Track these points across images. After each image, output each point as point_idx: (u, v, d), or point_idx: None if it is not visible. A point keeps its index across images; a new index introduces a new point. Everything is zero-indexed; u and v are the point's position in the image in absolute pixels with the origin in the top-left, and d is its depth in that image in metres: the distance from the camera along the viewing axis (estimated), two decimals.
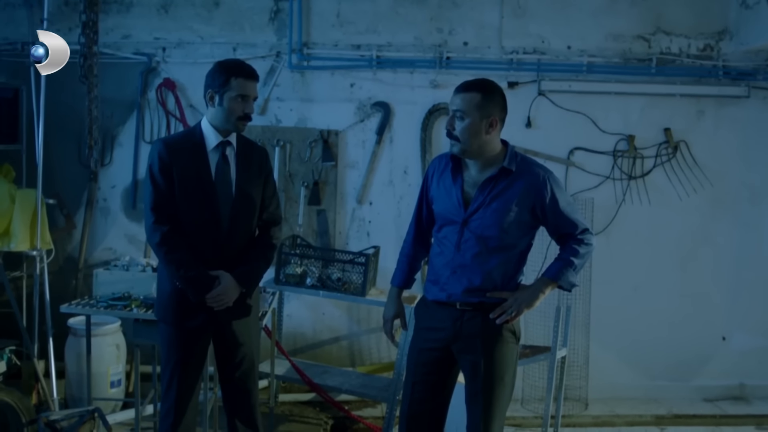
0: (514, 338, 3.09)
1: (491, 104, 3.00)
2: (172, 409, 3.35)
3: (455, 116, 2.98)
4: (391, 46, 5.19)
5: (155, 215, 3.26)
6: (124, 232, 5.24)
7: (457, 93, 3.01)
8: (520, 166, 3.04)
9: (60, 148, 5.07)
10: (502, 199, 3.00)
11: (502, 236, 3.00)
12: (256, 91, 3.34)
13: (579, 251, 3.05)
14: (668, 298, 5.39)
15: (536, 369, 5.10)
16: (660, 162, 5.34)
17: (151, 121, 5.18)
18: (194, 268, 3.22)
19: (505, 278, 3.05)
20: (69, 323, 4.76)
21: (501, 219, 2.99)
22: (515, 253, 3.06)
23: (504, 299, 3.01)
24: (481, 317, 3.03)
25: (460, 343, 3.07)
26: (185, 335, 3.31)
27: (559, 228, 3.08)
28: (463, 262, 3.04)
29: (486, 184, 3.02)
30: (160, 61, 5.16)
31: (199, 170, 3.29)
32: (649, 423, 4.99)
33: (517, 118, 5.23)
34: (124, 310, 3.91)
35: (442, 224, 3.13)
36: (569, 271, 3.05)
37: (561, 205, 3.03)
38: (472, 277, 3.02)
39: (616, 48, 5.28)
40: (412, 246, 3.33)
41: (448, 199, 3.10)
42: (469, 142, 2.98)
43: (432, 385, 3.14)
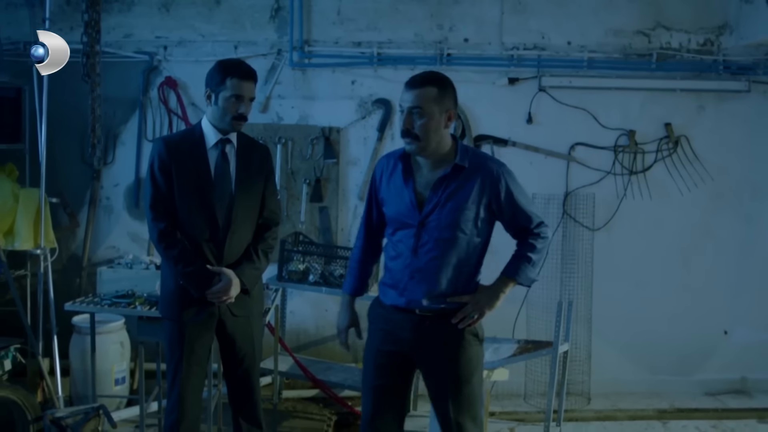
0: (477, 340, 3.02)
1: (447, 97, 2.91)
2: (176, 404, 3.39)
3: (412, 114, 2.86)
4: (392, 43, 5.20)
5: (153, 212, 3.32)
6: (128, 230, 5.26)
7: (411, 89, 2.89)
8: (473, 161, 2.96)
9: (63, 147, 5.08)
10: (457, 198, 2.92)
11: (460, 236, 2.93)
12: (253, 92, 3.35)
13: (536, 246, 3.01)
14: (670, 292, 5.41)
15: (538, 364, 5.13)
16: (661, 157, 5.35)
17: (153, 120, 5.20)
18: (193, 264, 3.26)
19: (465, 279, 2.99)
20: (73, 321, 4.79)
21: (458, 218, 2.91)
22: (474, 253, 2.99)
23: (464, 303, 2.96)
24: (443, 323, 2.96)
25: (423, 349, 2.99)
26: (188, 331, 3.35)
27: (515, 222, 3.02)
28: (422, 267, 2.95)
29: (439, 183, 2.93)
30: (162, 59, 5.18)
31: (198, 168, 3.32)
32: (651, 417, 5.02)
33: (518, 114, 5.27)
34: (128, 307, 3.94)
35: (396, 228, 3.03)
36: (528, 267, 3.01)
37: (517, 199, 2.97)
38: (432, 281, 2.94)
39: (617, 43, 5.28)
40: (362, 251, 3.24)
41: (401, 201, 2.99)
42: (429, 140, 2.88)
43: (392, 389, 3.08)
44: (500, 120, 5.27)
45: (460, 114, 5.17)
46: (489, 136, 5.25)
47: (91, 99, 4.83)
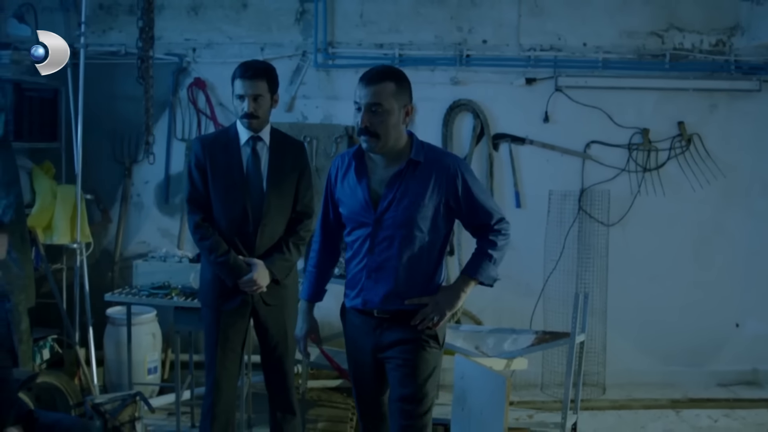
0: (436, 343, 2.95)
1: (404, 92, 2.82)
2: (212, 388, 3.58)
3: (371, 111, 2.75)
4: (413, 44, 5.38)
5: (190, 206, 3.54)
6: (158, 225, 5.45)
7: (368, 85, 2.77)
8: (428, 155, 2.87)
9: (95, 146, 5.23)
10: (412, 194, 2.83)
11: (417, 234, 2.84)
12: (257, 89, 3.46)
13: (497, 243, 2.91)
14: (683, 286, 5.55)
15: (555, 355, 5.28)
16: (674, 154, 5.50)
17: (183, 119, 5.39)
18: (225, 254, 3.45)
19: (424, 279, 2.91)
20: (108, 313, 4.99)
21: (414, 215, 2.82)
22: (433, 251, 2.90)
23: (424, 304, 2.88)
24: (401, 325, 2.89)
25: (381, 351, 2.94)
26: (223, 318, 3.54)
27: (474, 219, 2.93)
28: (379, 266, 2.87)
29: (394, 180, 2.84)
30: (191, 61, 5.37)
31: (231, 164, 3.51)
32: (665, 406, 5.16)
33: (535, 113, 5.43)
34: (165, 298, 4.14)
35: (352, 227, 2.95)
36: (488, 266, 2.91)
37: (475, 194, 2.88)
38: (389, 281, 2.86)
39: (631, 44, 5.44)
40: (319, 255, 3.15)
41: (355, 200, 2.91)
42: (389, 137, 2.79)
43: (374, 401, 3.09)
44: (518, 119, 5.44)
45: (478, 113, 5.35)
46: (507, 134, 5.42)
47: (145, 99, 4.98)
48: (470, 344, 4.49)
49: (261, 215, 3.51)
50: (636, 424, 4.83)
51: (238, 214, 3.49)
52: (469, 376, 4.23)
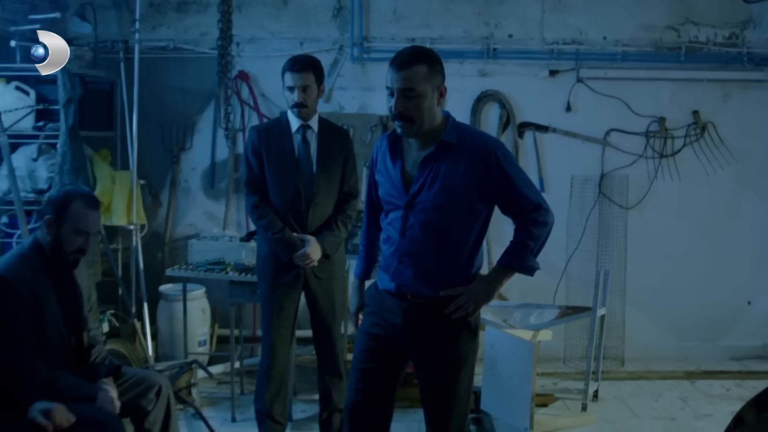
0: (470, 334, 2.86)
1: (437, 73, 2.74)
2: (268, 352, 3.94)
3: (404, 96, 2.66)
4: (443, 38, 5.69)
5: (248, 188, 3.90)
6: (203, 209, 5.81)
7: (399, 70, 2.67)
8: (463, 138, 2.76)
9: (146, 135, 5.53)
10: (444, 177, 2.73)
11: (450, 219, 2.76)
12: (305, 80, 3.78)
13: (533, 233, 2.77)
14: (697, 265, 5.82)
15: (576, 330, 5.60)
16: (689, 141, 5.77)
17: (227, 110, 5.76)
18: (280, 231, 3.79)
19: (458, 267, 2.82)
20: (161, 289, 5.36)
21: (445, 199, 2.73)
22: (467, 236, 2.81)
23: (459, 294, 2.79)
24: (435, 312, 2.80)
25: (412, 338, 2.86)
26: (278, 290, 3.89)
27: (509, 205, 2.81)
28: (409, 250, 2.80)
29: (426, 163, 2.76)
30: (235, 55, 5.68)
31: (284, 150, 3.86)
32: (680, 377, 5.43)
33: (558, 103, 5.72)
34: (220, 273, 4.50)
35: (387, 210, 2.90)
36: (526, 256, 2.79)
37: (512, 179, 2.76)
38: (420, 266, 2.79)
39: (648, 38, 5.71)
40: (367, 234, 3.15)
41: (389, 182, 2.85)
42: (424, 120, 2.71)
43: (378, 374, 2.92)
44: (541, 108, 5.73)
45: (504, 103, 5.68)
46: (531, 123, 5.74)
47: (225, 93, 5.34)
48: (499, 318, 4.82)
49: (312, 196, 3.86)
50: (653, 392, 5.14)
51: (292, 195, 3.84)
52: (499, 345, 4.59)
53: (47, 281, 3.02)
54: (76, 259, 3.07)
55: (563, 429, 4.48)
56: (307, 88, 3.79)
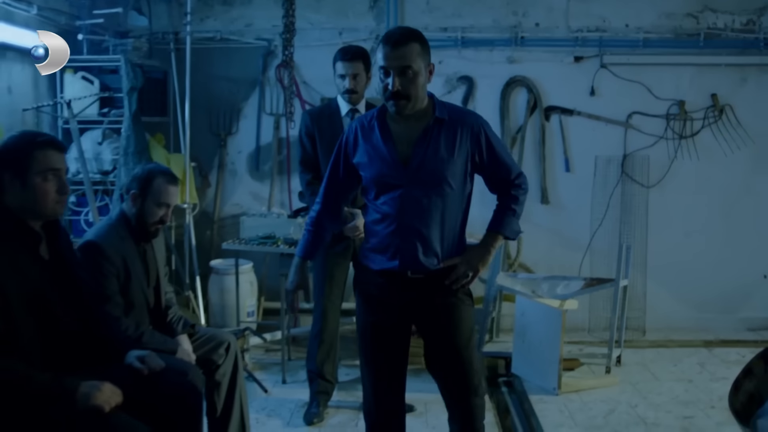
0: (470, 300, 2.99)
1: (427, 51, 2.83)
2: (319, 317, 4.33)
3: (402, 74, 2.73)
4: (474, 27, 6.00)
5: (302, 167, 4.28)
6: (249, 189, 6.20)
7: (395, 48, 2.73)
8: (452, 114, 2.88)
9: (196, 120, 5.83)
10: (442, 151, 2.84)
11: (448, 191, 2.86)
12: (355, 69, 4.15)
13: (519, 198, 2.98)
14: (715, 241, 6.10)
15: (600, 301, 5.93)
16: (707, 123, 6.02)
17: (271, 96, 6.10)
18: None
19: (455, 236, 2.95)
20: (212, 264, 5.77)
21: (444, 172, 2.84)
22: (461, 208, 2.95)
23: (455, 264, 2.91)
24: (435, 285, 2.91)
25: (416, 314, 2.96)
26: (330, 259, 4.27)
27: (496, 174, 2.96)
28: (410, 226, 2.86)
29: (423, 138, 2.83)
30: (278, 45, 6.01)
31: (334, 132, 4.20)
32: (698, 345, 5.73)
33: (583, 88, 6.01)
34: (272, 246, 4.89)
35: (379, 190, 2.90)
36: (512, 220, 2.97)
37: (497, 150, 2.93)
38: (422, 240, 2.86)
39: (669, 25, 5.97)
40: (319, 215, 3.11)
41: (382, 162, 2.86)
42: (418, 98, 2.79)
43: (392, 360, 3.02)
44: (567, 93, 6.03)
45: (532, 88, 6.01)
46: (557, 107, 6.05)
47: (289, 81, 5.67)
48: (527, 289, 5.15)
49: None
50: (673, 358, 5.47)
51: None
52: (528, 312, 4.96)
53: (132, 248, 3.41)
54: (156, 229, 3.46)
55: (588, 389, 4.82)
56: (357, 75, 4.16)
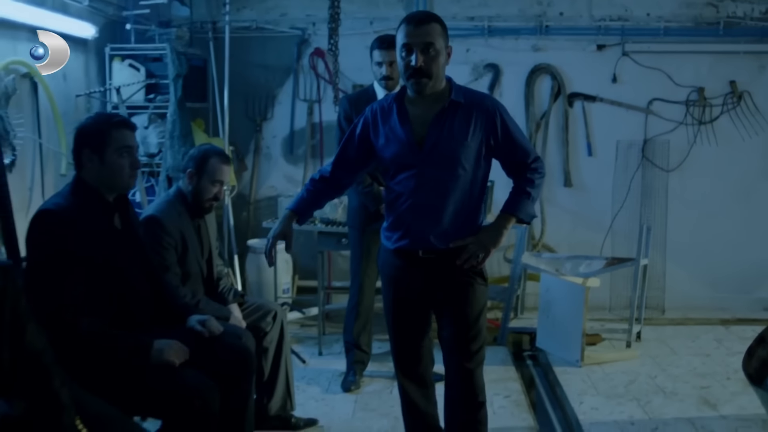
0: (483, 281, 3.03)
1: (446, 33, 2.89)
2: (357, 291, 4.60)
3: (425, 51, 2.79)
4: (500, 17, 6.20)
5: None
6: (283, 173, 6.46)
7: (419, 26, 2.80)
8: (468, 97, 2.93)
9: (233, 106, 6.02)
10: (456, 133, 2.88)
11: (461, 173, 2.90)
12: (391, 56, 4.30)
13: (534, 181, 2.99)
14: (733, 223, 6.28)
15: (621, 281, 6.15)
16: (726, 109, 6.20)
17: (305, 83, 6.35)
18: (369, 186, 4.41)
19: (468, 217, 2.97)
20: (249, 243, 6.04)
21: (458, 154, 2.88)
22: (475, 190, 2.97)
23: (467, 244, 2.94)
24: (448, 264, 2.95)
25: (429, 292, 3.03)
26: (367, 236, 4.53)
27: (512, 157, 3.00)
28: (424, 205, 2.92)
29: (438, 120, 2.88)
30: (311, 33, 6.28)
31: None
32: (715, 323, 5.97)
33: (605, 75, 6.21)
34: (310, 224, 5.16)
35: (396, 170, 2.97)
36: (527, 203, 2.98)
37: (513, 133, 2.96)
38: (435, 220, 2.92)
39: (689, 14, 6.15)
40: (322, 183, 3.16)
41: (399, 143, 2.93)
42: (439, 77, 2.86)
43: (416, 337, 3.16)
44: (590, 80, 6.24)
45: (556, 75, 6.23)
46: (580, 93, 6.27)
47: (334, 68, 5.84)
48: (551, 267, 5.40)
49: None
50: (691, 335, 5.70)
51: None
52: (552, 289, 5.20)
53: (188, 223, 3.69)
54: (211, 205, 3.74)
55: (610, 362, 5.06)
56: (393, 63, 4.39)
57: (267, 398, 3.87)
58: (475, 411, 3.08)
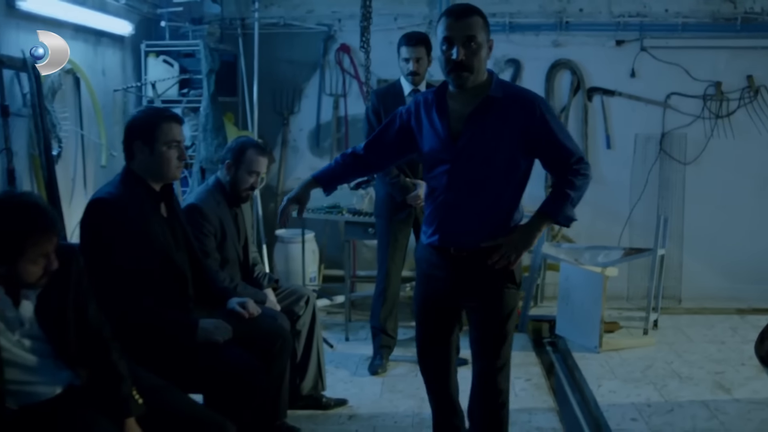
0: (513, 284, 2.96)
1: (488, 27, 2.79)
2: (384, 277, 4.78)
3: (466, 45, 2.70)
4: (521, 13, 6.35)
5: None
6: (310, 165, 6.59)
7: (460, 18, 2.72)
8: (508, 93, 2.83)
9: (261, 100, 6.24)
10: (491, 131, 2.79)
11: (495, 172, 2.81)
12: (418, 53, 4.56)
13: (575, 183, 2.84)
14: (748, 215, 6.41)
15: (638, 271, 6.31)
16: (743, 104, 6.32)
17: (330, 78, 6.54)
18: (396, 177, 4.59)
19: (501, 217, 2.89)
20: (277, 233, 6.25)
21: (492, 152, 2.79)
22: (510, 189, 2.88)
23: (500, 244, 2.86)
24: (479, 264, 2.88)
25: (459, 290, 2.97)
26: (393, 225, 4.72)
27: (553, 158, 2.88)
28: (456, 203, 2.86)
29: (473, 117, 2.79)
30: (337, 30, 6.46)
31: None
32: (731, 313, 6.11)
33: (624, 70, 6.35)
34: (337, 214, 5.36)
35: (431, 165, 2.92)
36: (566, 206, 2.85)
37: (555, 132, 2.83)
38: (466, 218, 2.86)
39: (707, 10, 6.26)
40: (352, 159, 3.13)
41: (436, 137, 2.87)
42: (480, 71, 2.77)
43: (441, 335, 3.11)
44: (609, 75, 6.38)
45: (575, 70, 6.38)
46: (599, 88, 6.40)
47: (366, 65, 5.93)
48: (570, 257, 5.56)
49: None
50: (707, 323, 5.85)
51: None
52: (572, 277, 5.37)
53: (226, 211, 3.89)
54: (247, 194, 3.94)
55: (627, 348, 5.23)
56: (420, 59, 4.58)
57: (300, 379, 4.07)
58: (495, 412, 3.06)
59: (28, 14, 4.01)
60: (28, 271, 2.34)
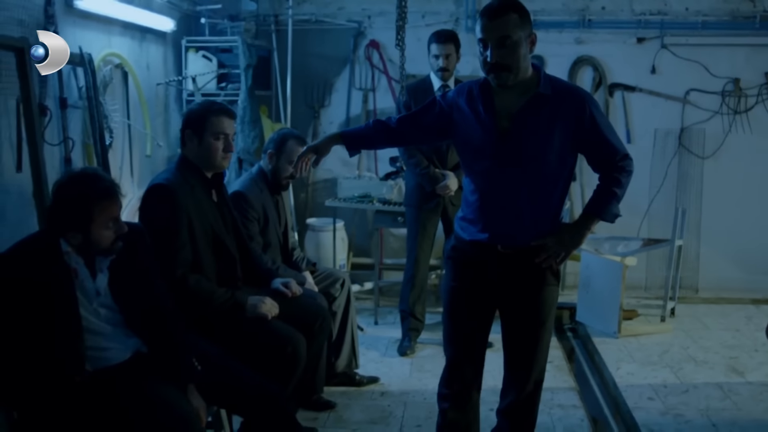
0: (556, 281, 2.94)
1: (527, 21, 2.74)
2: (413, 264, 5.02)
3: (500, 44, 2.67)
4: (544, 11, 6.53)
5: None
6: (339, 156, 6.68)
7: (492, 19, 2.68)
8: (556, 89, 2.78)
9: (293, 94, 6.48)
10: (540, 127, 2.75)
11: (543, 168, 2.78)
12: (447, 50, 4.79)
13: (621, 180, 2.84)
14: (765, 208, 6.55)
15: (656, 262, 6.52)
16: (761, 99, 6.48)
17: (360, 73, 6.78)
18: (426, 168, 4.83)
19: (548, 213, 2.87)
20: (308, 222, 6.50)
21: (540, 149, 2.76)
22: (557, 185, 2.84)
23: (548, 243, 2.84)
24: (525, 261, 2.86)
25: (503, 287, 2.92)
26: (422, 213, 4.96)
27: (598, 154, 2.85)
28: (505, 201, 2.82)
29: (522, 113, 2.75)
30: (367, 26, 6.68)
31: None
32: (747, 303, 6.31)
33: (644, 66, 6.54)
34: (368, 203, 5.61)
35: (474, 160, 2.87)
36: (613, 204, 2.86)
37: (602, 129, 2.80)
38: (513, 215, 2.82)
39: (726, 8, 6.43)
40: (383, 126, 3.04)
41: (483, 132, 2.80)
42: (519, 69, 2.71)
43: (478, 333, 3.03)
44: (630, 71, 6.57)
45: (597, 66, 6.59)
46: (620, 84, 6.60)
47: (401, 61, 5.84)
48: (591, 247, 5.75)
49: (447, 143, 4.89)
50: (722, 312, 6.06)
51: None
52: (592, 265, 5.58)
53: (268, 198, 4.14)
54: (287, 182, 4.20)
55: (645, 334, 5.45)
56: (449, 56, 4.82)
57: (335, 357, 4.33)
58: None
59: (84, 12, 4.29)
60: (102, 236, 2.60)
